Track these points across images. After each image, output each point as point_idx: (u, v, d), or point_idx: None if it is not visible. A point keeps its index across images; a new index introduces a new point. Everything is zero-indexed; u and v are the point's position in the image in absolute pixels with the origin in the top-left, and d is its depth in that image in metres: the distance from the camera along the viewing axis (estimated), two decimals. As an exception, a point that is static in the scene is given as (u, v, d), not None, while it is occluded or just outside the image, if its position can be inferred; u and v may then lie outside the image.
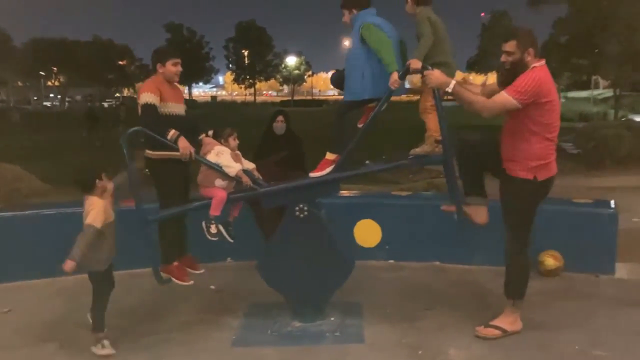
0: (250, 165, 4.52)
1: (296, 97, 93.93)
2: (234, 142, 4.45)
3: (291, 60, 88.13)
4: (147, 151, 4.56)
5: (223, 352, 4.19)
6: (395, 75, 3.95)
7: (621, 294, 5.13)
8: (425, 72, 3.98)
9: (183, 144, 4.27)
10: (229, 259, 6.23)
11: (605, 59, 23.49)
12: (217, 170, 4.31)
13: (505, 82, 4.05)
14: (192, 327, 4.62)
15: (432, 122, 4.22)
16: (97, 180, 4.07)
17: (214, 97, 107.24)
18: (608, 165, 14.68)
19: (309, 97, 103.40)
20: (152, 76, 4.63)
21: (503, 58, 4.03)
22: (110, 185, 4.13)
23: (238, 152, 4.47)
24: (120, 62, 77.97)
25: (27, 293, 5.40)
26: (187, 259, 4.78)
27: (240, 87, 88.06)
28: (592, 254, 5.59)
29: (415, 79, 4.27)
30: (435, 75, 3.96)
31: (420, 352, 4.09)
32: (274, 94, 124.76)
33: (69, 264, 3.78)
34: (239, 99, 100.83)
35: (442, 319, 4.61)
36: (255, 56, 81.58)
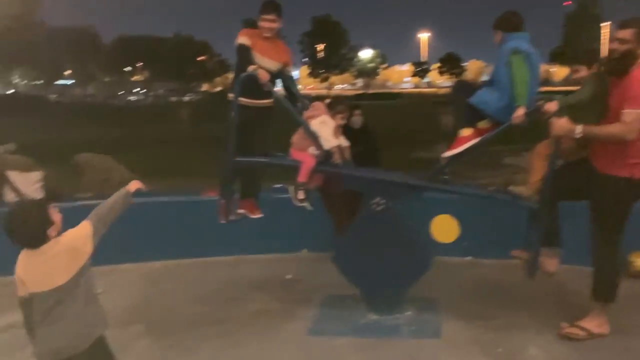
0: (345, 143, 4.57)
1: (370, 91, 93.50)
2: (340, 120, 4.52)
3: (366, 54, 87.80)
4: (230, 94, 4.69)
5: (299, 341, 4.27)
6: (521, 110, 3.85)
7: None
8: (553, 118, 3.83)
9: (262, 74, 4.33)
10: (305, 250, 6.33)
11: None
12: (313, 138, 4.34)
13: (614, 71, 3.83)
14: (268, 315, 4.73)
15: (539, 169, 4.12)
16: (49, 230, 2.72)
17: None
18: None
19: (383, 90, 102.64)
20: None
21: (614, 45, 3.78)
22: (59, 218, 2.80)
23: (339, 128, 4.52)
24: (200, 58, 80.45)
25: (116, 276, 5.69)
26: (251, 200, 5.05)
27: (315, 81, 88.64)
28: (685, 256, 5.26)
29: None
30: (561, 123, 3.80)
31: (500, 349, 4.03)
32: (349, 87, 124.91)
33: None
34: (312, 92, 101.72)
35: (519, 319, 4.51)
36: (330, 50, 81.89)
